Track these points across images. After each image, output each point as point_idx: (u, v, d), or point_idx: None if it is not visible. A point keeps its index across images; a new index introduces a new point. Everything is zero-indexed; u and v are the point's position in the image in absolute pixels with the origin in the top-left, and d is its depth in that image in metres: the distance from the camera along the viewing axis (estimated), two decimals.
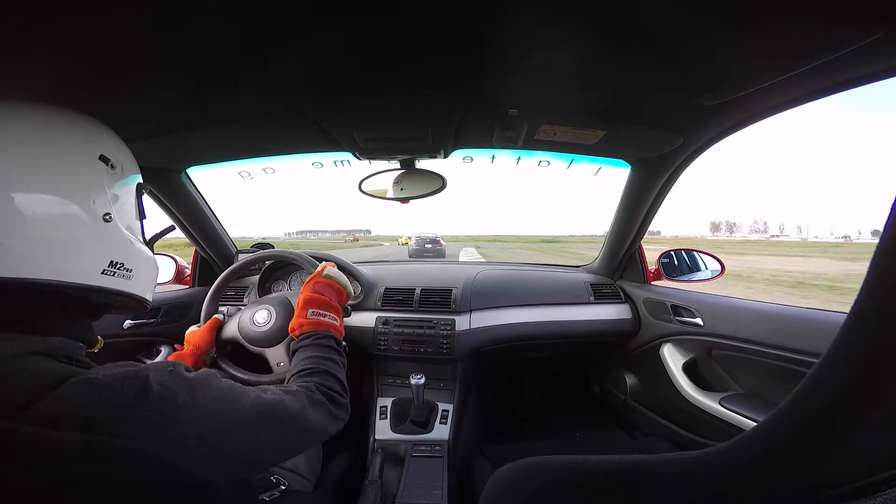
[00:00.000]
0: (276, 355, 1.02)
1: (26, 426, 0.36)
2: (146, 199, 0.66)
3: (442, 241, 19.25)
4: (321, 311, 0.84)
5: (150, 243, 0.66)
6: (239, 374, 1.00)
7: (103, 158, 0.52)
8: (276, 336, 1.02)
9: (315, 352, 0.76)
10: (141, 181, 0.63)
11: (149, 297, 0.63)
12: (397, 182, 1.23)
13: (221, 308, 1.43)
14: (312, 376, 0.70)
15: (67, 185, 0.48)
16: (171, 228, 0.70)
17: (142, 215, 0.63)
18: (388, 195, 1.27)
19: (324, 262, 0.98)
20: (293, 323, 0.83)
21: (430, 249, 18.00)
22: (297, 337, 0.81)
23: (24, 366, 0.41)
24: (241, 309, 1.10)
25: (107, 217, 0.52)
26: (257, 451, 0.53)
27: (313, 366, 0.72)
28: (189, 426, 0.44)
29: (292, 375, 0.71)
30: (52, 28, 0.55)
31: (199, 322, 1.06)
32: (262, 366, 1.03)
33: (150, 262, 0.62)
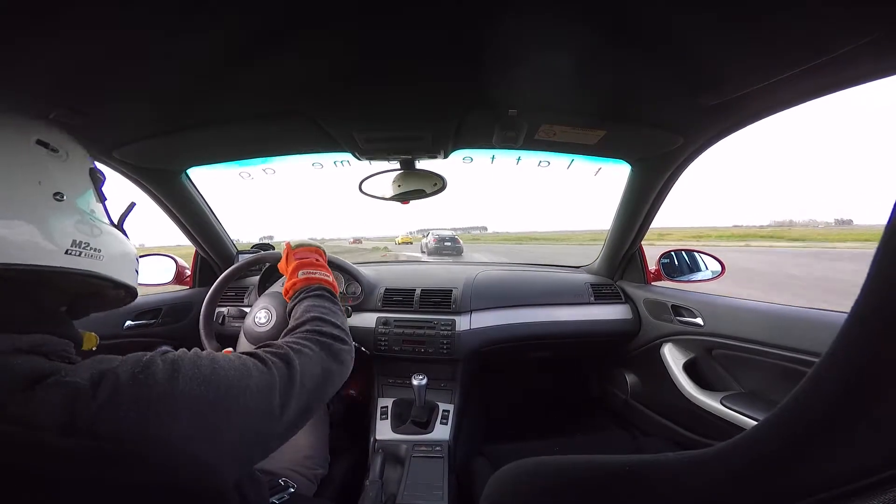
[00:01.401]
0: None
1: (2, 425, 0.35)
2: (133, 191, 0.62)
3: (460, 240, 19.42)
4: (310, 270, 0.83)
5: (119, 226, 0.62)
6: None
7: (41, 143, 0.51)
8: (282, 329, 1.02)
9: (308, 302, 0.74)
10: (93, 167, 0.61)
11: (130, 281, 0.60)
12: (397, 182, 1.24)
13: (221, 309, 1.43)
14: (304, 325, 0.67)
15: (6, 171, 0.47)
16: (133, 205, 0.67)
17: (101, 198, 0.60)
18: (388, 195, 1.27)
19: (284, 242, 0.97)
20: (286, 286, 0.82)
21: (448, 248, 18.09)
22: (291, 297, 0.80)
23: (5, 364, 0.39)
24: (244, 312, 1.11)
25: (58, 196, 0.50)
26: (254, 428, 0.48)
27: (304, 316, 0.69)
28: (171, 419, 0.40)
29: (287, 332, 0.68)
30: (52, 28, 0.55)
31: (198, 335, 1.06)
32: None
33: (121, 243, 0.59)
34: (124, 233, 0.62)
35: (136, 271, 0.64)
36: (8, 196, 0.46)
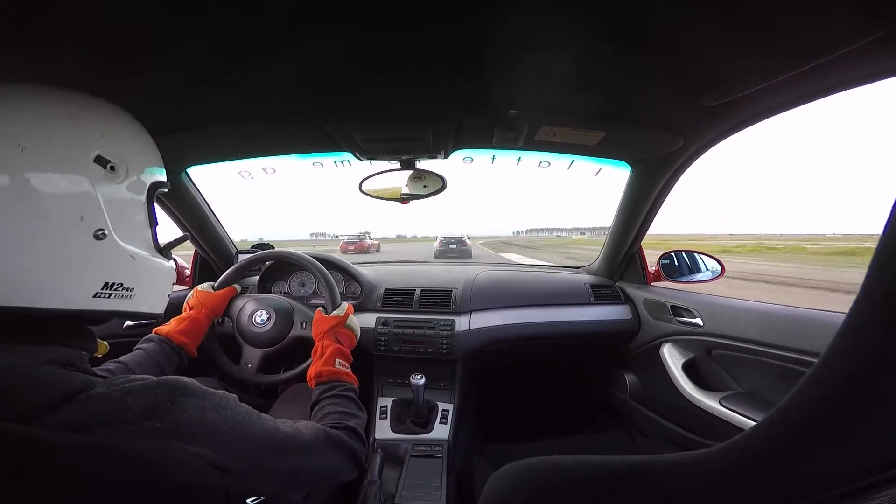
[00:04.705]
0: (250, 356, 1.07)
1: (39, 431, 0.36)
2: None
3: (468, 242, 18.43)
4: (345, 364, 0.88)
5: (164, 251, 0.58)
6: (212, 349, 1.07)
7: (100, 160, 0.44)
8: (265, 341, 1.07)
9: (342, 407, 0.77)
10: (159, 179, 0.55)
11: (157, 309, 0.57)
12: (397, 182, 1.24)
13: None
14: (339, 430, 0.70)
15: (48, 197, 0.41)
16: (184, 238, 0.65)
17: (153, 222, 0.55)
18: (389, 196, 1.28)
19: (347, 305, 1.03)
20: (321, 368, 0.84)
21: (454, 250, 17.46)
22: (324, 382, 0.82)
23: (37, 374, 0.40)
24: (250, 294, 1.15)
25: (99, 234, 0.44)
26: (260, 480, 0.51)
27: (341, 421, 0.72)
28: (193, 442, 0.43)
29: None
30: (51, 27, 0.55)
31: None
32: (233, 355, 1.09)
33: (160, 274, 0.56)
34: (168, 257, 0.59)
35: (168, 295, 0.60)
36: (42, 232, 0.41)
